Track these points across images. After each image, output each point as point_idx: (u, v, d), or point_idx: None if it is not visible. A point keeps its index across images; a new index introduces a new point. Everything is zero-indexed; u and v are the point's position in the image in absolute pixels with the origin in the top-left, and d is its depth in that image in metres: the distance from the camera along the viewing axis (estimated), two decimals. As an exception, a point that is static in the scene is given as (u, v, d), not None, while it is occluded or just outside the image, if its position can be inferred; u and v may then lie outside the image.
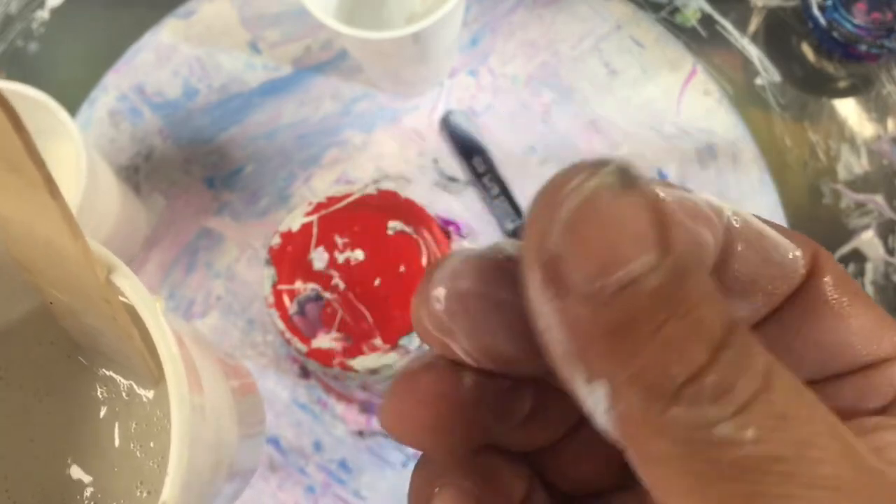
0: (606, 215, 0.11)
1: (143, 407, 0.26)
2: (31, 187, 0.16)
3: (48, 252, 0.19)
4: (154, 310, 0.21)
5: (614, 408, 0.11)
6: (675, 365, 0.10)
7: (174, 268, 0.45)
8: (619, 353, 0.11)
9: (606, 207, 0.11)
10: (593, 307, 0.11)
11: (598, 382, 0.11)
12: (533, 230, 0.11)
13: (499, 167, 0.45)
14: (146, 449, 0.26)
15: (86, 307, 0.22)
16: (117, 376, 0.26)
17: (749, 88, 0.47)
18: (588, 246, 0.11)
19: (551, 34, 0.48)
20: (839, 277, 0.14)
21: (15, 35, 0.49)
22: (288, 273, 0.36)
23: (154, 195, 0.46)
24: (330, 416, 0.43)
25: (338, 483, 0.42)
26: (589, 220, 0.11)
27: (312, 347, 0.36)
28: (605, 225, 0.11)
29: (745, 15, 0.48)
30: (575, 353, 0.11)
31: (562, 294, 0.11)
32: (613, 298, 0.10)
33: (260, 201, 0.46)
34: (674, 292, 0.10)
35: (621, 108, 0.47)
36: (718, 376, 0.10)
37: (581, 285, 0.11)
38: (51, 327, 0.27)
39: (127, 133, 0.47)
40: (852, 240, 0.45)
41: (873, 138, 0.46)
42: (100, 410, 0.26)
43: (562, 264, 0.11)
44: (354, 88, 0.47)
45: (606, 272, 0.10)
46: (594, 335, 0.11)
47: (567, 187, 0.11)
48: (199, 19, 0.49)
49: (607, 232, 0.11)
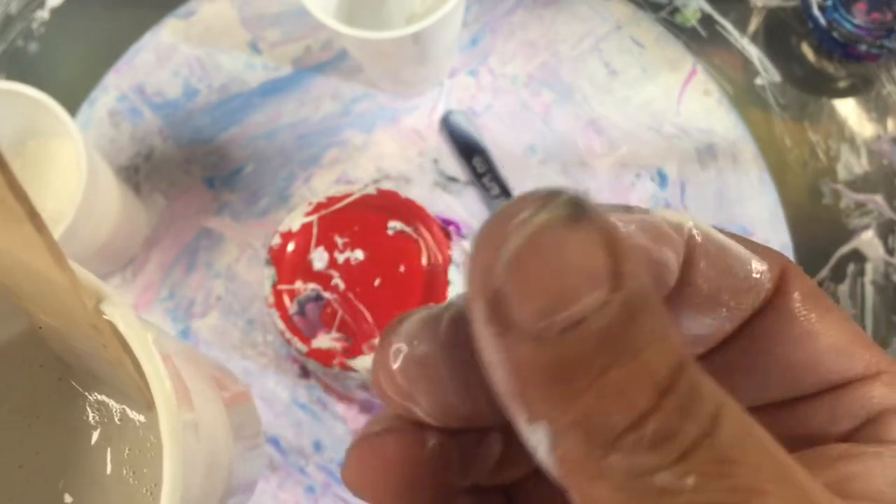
0: (553, 251, 0.10)
1: (136, 432, 0.26)
2: (14, 219, 0.16)
3: (36, 280, 0.19)
4: (144, 339, 0.21)
5: (554, 450, 0.11)
6: (616, 413, 0.10)
7: (174, 268, 0.45)
8: (559, 397, 0.10)
9: (554, 242, 0.10)
10: (535, 347, 0.10)
11: (539, 424, 0.11)
12: (477, 263, 0.11)
13: (499, 167, 0.45)
14: (139, 475, 0.25)
15: (75, 333, 0.21)
16: (110, 400, 0.26)
17: (749, 88, 0.47)
18: (533, 283, 0.10)
19: (551, 34, 0.48)
20: (809, 293, 0.14)
21: (15, 35, 0.49)
22: (288, 273, 0.36)
23: (154, 195, 0.46)
24: (330, 416, 0.43)
25: (338, 483, 0.42)
26: (535, 256, 0.10)
27: (312, 347, 0.36)
28: (551, 261, 0.10)
29: (744, 15, 0.48)
30: (516, 393, 0.11)
31: (504, 331, 0.10)
32: (557, 339, 0.10)
33: (260, 201, 0.46)
34: (622, 333, 0.10)
35: (621, 108, 0.47)
36: (660, 423, 0.10)
37: (524, 324, 0.10)
38: (41, 350, 0.26)
39: (127, 133, 0.47)
40: (852, 240, 0.45)
41: (873, 138, 0.46)
42: (91, 435, 0.26)
43: (506, 301, 0.10)
44: (354, 88, 0.47)
45: (552, 311, 0.10)
46: (535, 377, 0.10)
47: (515, 219, 0.10)
48: (199, 19, 0.49)
49: (554, 268, 0.10)
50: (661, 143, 0.46)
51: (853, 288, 0.44)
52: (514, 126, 0.47)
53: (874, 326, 0.44)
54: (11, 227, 0.16)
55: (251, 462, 0.32)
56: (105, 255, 0.42)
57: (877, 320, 0.44)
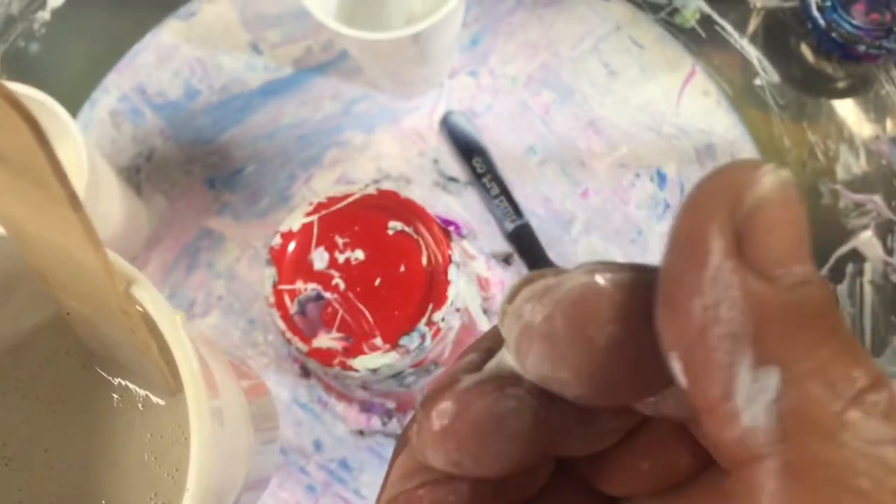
0: (796, 207, 0.11)
1: (159, 417, 0.26)
2: (54, 202, 0.16)
3: (68, 264, 0.19)
4: (174, 322, 0.21)
5: (783, 399, 0.10)
6: (856, 368, 0.10)
7: (175, 268, 0.45)
8: (801, 342, 0.10)
9: (796, 201, 0.11)
10: (780, 289, 0.10)
11: (769, 369, 0.10)
12: (719, 199, 0.11)
13: (499, 167, 0.45)
14: (161, 460, 0.25)
15: (104, 318, 0.22)
16: (133, 386, 0.26)
17: (748, 89, 0.47)
18: (780, 229, 0.10)
19: (551, 35, 0.48)
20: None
21: (16, 36, 0.49)
22: (288, 273, 0.37)
23: (155, 196, 0.46)
24: (330, 415, 0.43)
25: (338, 482, 0.42)
26: (783, 205, 0.10)
27: (313, 347, 0.36)
28: (794, 215, 0.11)
29: (744, 15, 0.48)
30: (749, 333, 0.10)
31: (745, 268, 0.10)
32: (799, 287, 0.10)
33: (261, 201, 0.46)
34: (832, 308, 0.11)
35: (621, 108, 0.47)
36: (890, 394, 0.10)
37: (770, 266, 0.10)
38: (66, 337, 0.26)
39: (128, 134, 0.47)
40: (851, 240, 0.45)
41: (872, 139, 0.46)
42: (115, 420, 0.26)
43: (752, 238, 0.10)
44: (355, 89, 0.48)
45: (792, 261, 0.10)
46: (777, 317, 0.10)
47: (758, 172, 0.11)
48: (200, 20, 0.49)
49: (795, 224, 0.11)
50: (661, 144, 0.46)
51: (852, 288, 0.44)
52: (514, 126, 0.47)
53: (873, 326, 0.44)
54: (49, 209, 0.17)
55: (266, 455, 0.32)
56: (106, 255, 0.42)
57: (875, 320, 0.44)
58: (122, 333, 0.22)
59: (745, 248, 0.10)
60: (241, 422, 0.26)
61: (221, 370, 0.25)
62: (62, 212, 0.16)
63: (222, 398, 0.23)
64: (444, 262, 0.36)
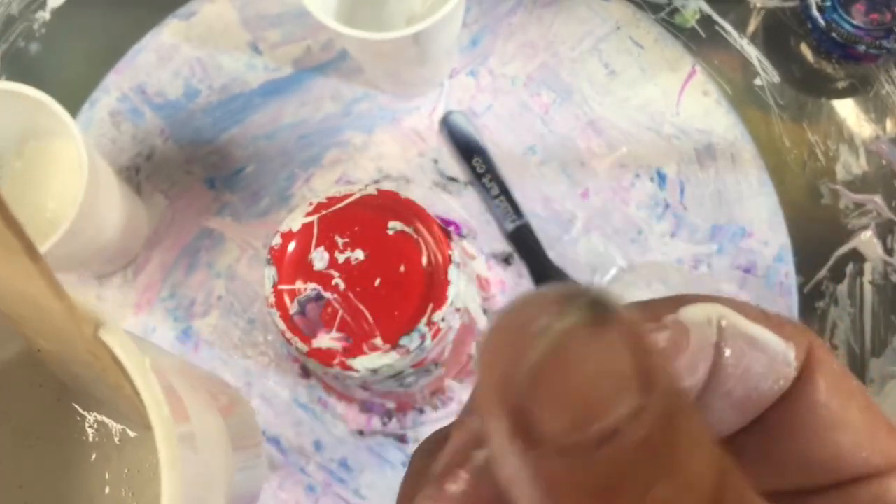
0: (579, 359, 0.09)
1: (135, 452, 0.25)
2: (12, 253, 0.16)
3: (35, 308, 0.19)
4: (142, 366, 0.21)
5: None
6: None
7: (175, 268, 0.45)
8: None
9: (579, 350, 0.09)
10: (569, 464, 0.09)
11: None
12: (493, 374, 0.10)
13: (499, 167, 0.45)
14: (139, 495, 0.25)
15: (74, 358, 0.21)
16: (109, 420, 0.26)
17: (748, 89, 0.47)
18: (560, 395, 0.09)
19: (551, 35, 0.48)
20: (833, 378, 0.13)
21: (16, 35, 0.49)
22: (288, 273, 0.37)
23: (155, 195, 0.46)
24: (330, 415, 0.43)
25: (338, 482, 0.42)
26: (560, 366, 0.09)
27: (313, 347, 0.36)
28: (578, 370, 0.09)
29: (744, 16, 0.48)
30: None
31: (531, 448, 0.09)
32: (594, 454, 0.09)
33: (261, 201, 0.46)
34: (663, 441, 0.09)
35: (621, 108, 0.47)
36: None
37: (556, 438, 0.09)
38: (40, 370, 0.26)
39: (128, 133, 0.47)
40: (851, 240, 0.45)
41: (872, 138, 0.46)
42: (91, 455, 0.25)
43: (531, 415, 0.09)
44: (355, 89, 0.48)
45: (583, 424, 0.09)
46: (572, 497, 0.09)
47: (533, 326, 0.10)
48: (199, 20, 0.49)
49: (581, 378, 0.09)
50: (661, 144, 0.46)
51: (852, 288, 0.44)
52: (514, 126, 0.47)
53: (873, 326, 0.44)
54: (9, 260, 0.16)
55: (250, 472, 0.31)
56: (106, 256, 0.42)
57: (875, 320, 0.44)
58: (92, 372, 0.21)
59: (531, 421, 0.09)
60: (217, 445, 0.25)
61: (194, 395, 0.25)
62: (21, 261, 0.16)
63: (193, 423, 0.22)
64: (444, 262, 0.36)
